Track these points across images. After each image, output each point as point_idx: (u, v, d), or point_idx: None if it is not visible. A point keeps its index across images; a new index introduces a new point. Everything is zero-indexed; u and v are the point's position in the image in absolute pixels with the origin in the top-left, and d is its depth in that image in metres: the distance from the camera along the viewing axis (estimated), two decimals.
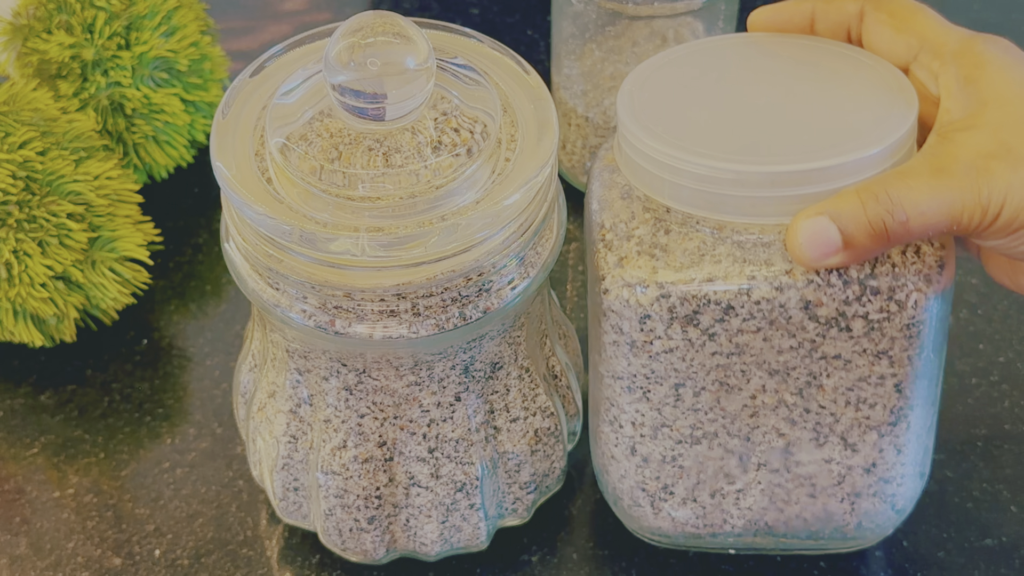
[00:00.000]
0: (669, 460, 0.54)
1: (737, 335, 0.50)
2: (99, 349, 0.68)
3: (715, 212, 0.49)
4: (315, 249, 0.49)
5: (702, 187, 0.49)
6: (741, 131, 0.50)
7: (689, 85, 0.53)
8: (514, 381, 0.55)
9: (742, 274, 0.49)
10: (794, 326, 0.50)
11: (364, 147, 0.50)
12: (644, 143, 0.50)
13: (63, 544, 0.61)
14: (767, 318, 0.50)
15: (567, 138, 0.72)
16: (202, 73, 0.73)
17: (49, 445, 0.64)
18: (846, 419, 0.52)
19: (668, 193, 0.50)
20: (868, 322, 0.49)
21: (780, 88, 0.52)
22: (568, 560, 0.60)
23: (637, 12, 0.67)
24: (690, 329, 0.50)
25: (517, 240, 0.51)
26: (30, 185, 0.63)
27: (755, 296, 0.49)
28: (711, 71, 0.53)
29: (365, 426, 0.54)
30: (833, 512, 0.55)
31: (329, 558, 0.60)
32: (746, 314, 0.49)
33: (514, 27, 0.83)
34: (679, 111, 0.51)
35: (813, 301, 0.49)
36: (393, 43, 0.50)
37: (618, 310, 0.50)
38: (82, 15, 0.69)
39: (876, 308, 0.49)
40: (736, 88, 0.52)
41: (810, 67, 0.52)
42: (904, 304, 0.49)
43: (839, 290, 0.49)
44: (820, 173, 0.48)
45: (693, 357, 0.51)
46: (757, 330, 0.50)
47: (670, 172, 0.49)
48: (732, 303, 0.49)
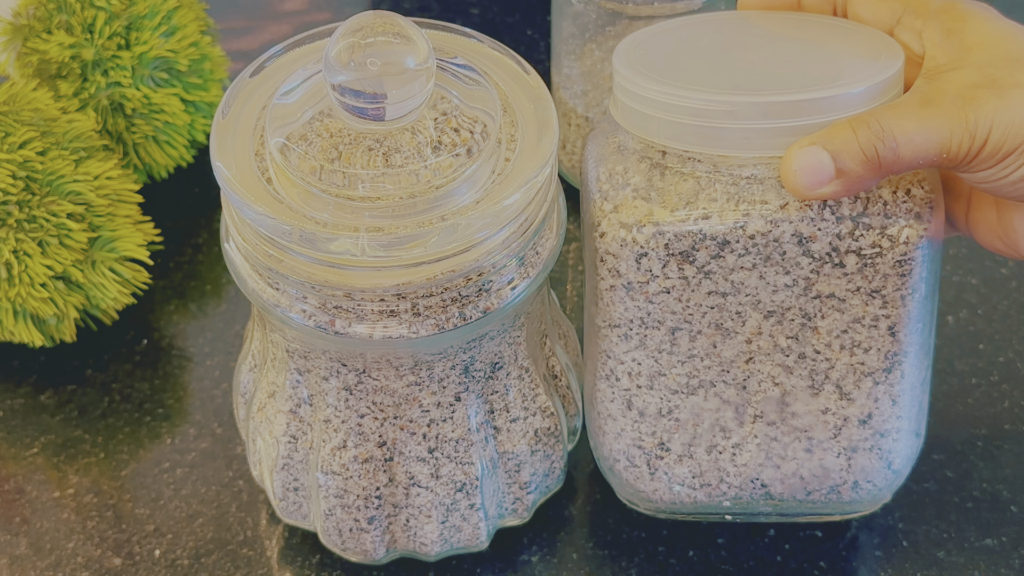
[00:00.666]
0: (665, 413, 0.55)
1: (732, 272, 0.51)
2: (99, 349, 0.68)
3: (709, 147, 0.50)
4: (315, 249, 0.49)
5: (696, 121, 0.50)
6: (734, 73, 0.51)
7: (683, 46, 0.54)
8: (514, 381, 0.55)
9: (737, 210, 0.50)
10: (789, 262, 0.51)
11: (364, 147, 0.50)
12: (639, 85, 0.51)
13: (63, 544, 0.61)
14: (762, 253, 0.50)
15: (567, 138, 0.72)
16: (202, 73, 0.73)
17: (49, 445, 0.64)
18: (841, 365, 0.53)
19: (663, 132, 0.51)
20: (861, 257, 0.50)
21: (771, 48, 0.53)
22: (568, 560, 0.60)
23: (637, 12, 0.67)
24: (686, 266, 0.51)
25: (517, 240, 0.51)
26: (30, 185, 0.63)
27: (750, 230, 0.50)
28: (703, 37, 0.54)
29: (365, 426, 0.54)
30: (830, 468, 0.56)
31: (329, 558, 0.60)
32: (741, 249, 0.50)
33: (514, 27, 0.83)
34: (674, 61, 0.53)
35: (807, 235, 0.50)
36: (393, 43, 0.50)
37: (615, 251, 0.51)
38: (82, 15, 0.69)
39: (868, 243, 0.50)
40: (728, 48, 0.53)
41: (800, 32, 0.54)
42: (896, 239, 0.50)
43: (832, 224, 0.50)
44: (811, 104, 0.49)
45: (689, 297, 0.52)
46: (752, 266, 0.51)
47: (664, 109, 0.50)
48: (727, 238, 0.50)
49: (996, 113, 0.48)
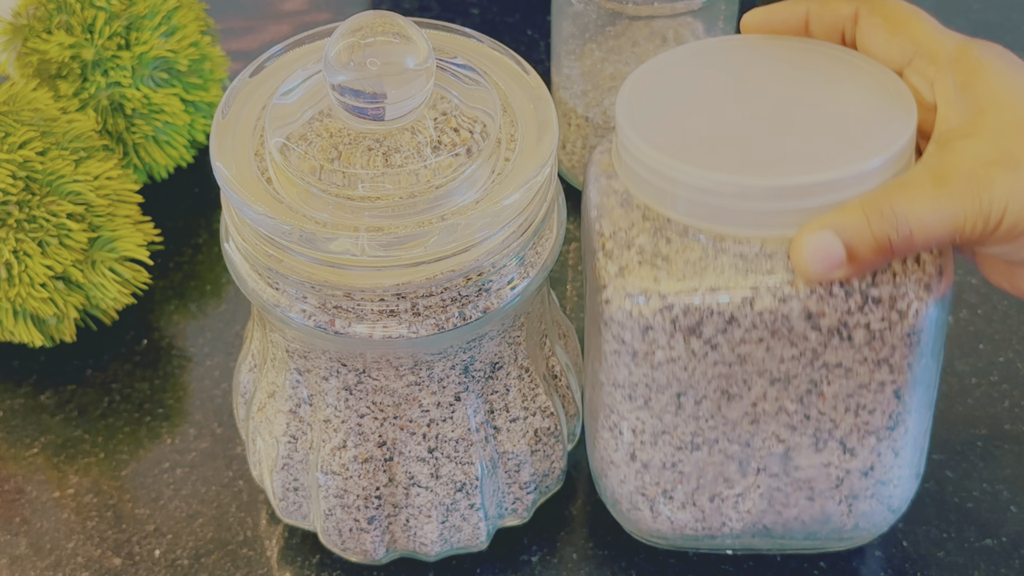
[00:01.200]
0: (669, 466, 0.54)
1: (740, 345, 0.50)
2: (99, 349, 0.68)
3: (716, 224, 0.49)
4: (315, 249, 0.49)
5: (703, 199, 0.49)
6: (741, 140, 0.50)
7: (687, 90, 0.52)
8: (514, 381, 0.55)
9: (745, 285, 0.49)
10: (796, 336, 0.50)
11: (364, 147, 0.50)
12: (644, 152, 0.49)
13: (63, 544, 0.61)
14: (769, 328, 0.49)
15: (567, 138, 0.72)
16: (202, 73, 0.73)
17: (49, 445, 0.64)
18: (845, 424, 0.52)
19: (669, 204, 0.49)
20: (870, 331, 0.49)
21: (779, 95, 0.51)
22: (568, 560, 0.60)
23: (637, 12, 0.67)
24: (692, 340, 0.50)
25: (517, 240, 0.51)
26: (30, 185, 0.63)
27: (758, 307, 0.49)
28: (709, 76, 0.53)
29: (365, 426, 0.54)
30: (831, 513, 0.56)
31: (329, 558, 0.60)
32: (749, 324, 0.49)
33: (514, 27, 0.83)
34: (678, 118, 0.51)
35: (816, 312, 0.49)
36: (393, 43, 0.50)
37: (620, 320, 0.50)
38: (82, 15, 0.69)
39: (878, 318, 0.49)
40: (734, 94, 0.52)
41: (808, 72, 0.52)
42: (905, 313, 0.49)
43: (841, 300, 0.49)
44: (823, 186, 0.48)
45: (695, 367, 0.51)
46: (760, 340, 0.50)
47: (671, 183, 0.49)
48: (735, 314, 0.49)
49: (1012, 195, 0.47)
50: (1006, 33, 0.82)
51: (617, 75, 0.70)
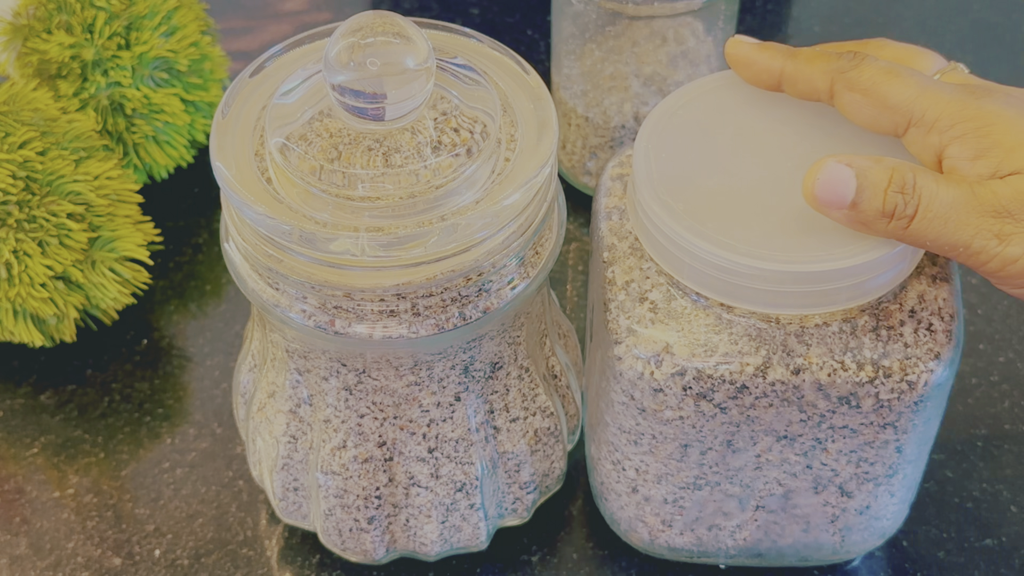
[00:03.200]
0: (670, 502, 0.55)
1: (749, 409, 0.50)
2: (99, 349, 0.68)
3: (730, 299, 0.49)
4: (315, 249, 0.49)
5: (719, 275, 0.48)
6: (759, 211, 0.49)
7: (703, 139, 0.51)
8: (514, 381, 0.55)
9: (759, 355, 0.49)
10: (806, 404, 0.50)
11: (364, 147, 0.50)
12: (660, 218, 0.49)
13: (63, 544, 0.61)
14: (780, 396, 0.50)
15: (567, 138, 0.72)
16: (202, 73, 0.73)
17: (49, 445, 0.64)
18: (846, 473, 0.53)
19: (685, 273, 0.49)
20: (878, 400, 0.50)
21: (796, 148, 0.51)
22: (568, 560, 0.60)
23: (637, 12, 0.67)
24: (703, 403, 0.50)
25: (517, 240, 0.51)
26: (30, 185, 0.63)
27: (771, 378, 0.49)
28: (726, 121, 0.52)
29: (365, 426, 0.54)
30: (824, 543, 0.57)
31: (329, 558, 0.60)
32: (759, 393, 0.50)
33: (514, 27, 0.83)
34: (693, 178, 0.50)
35: (826, 384, 0.49)
36: (393, 43, 0.50)
37: (631, 379, 0.50)
38: (82, 15, 0.69)
39: (888, 389, 0.49)
40: (752, 146, 0.51)
41: (824, 120, 0.51)
42: (915, 384, 0.49)
43: (853, 373, 0.49)
44: (841, 273, 0.48)
45: (703, 425, 0.51)
46: (770, 406, 0.50)
47: (688, 256, 0.49)
48: (747, 383, 0.49)
49: None
50: (1006, 33, 0.82)
51: (617, 75, 0.70)
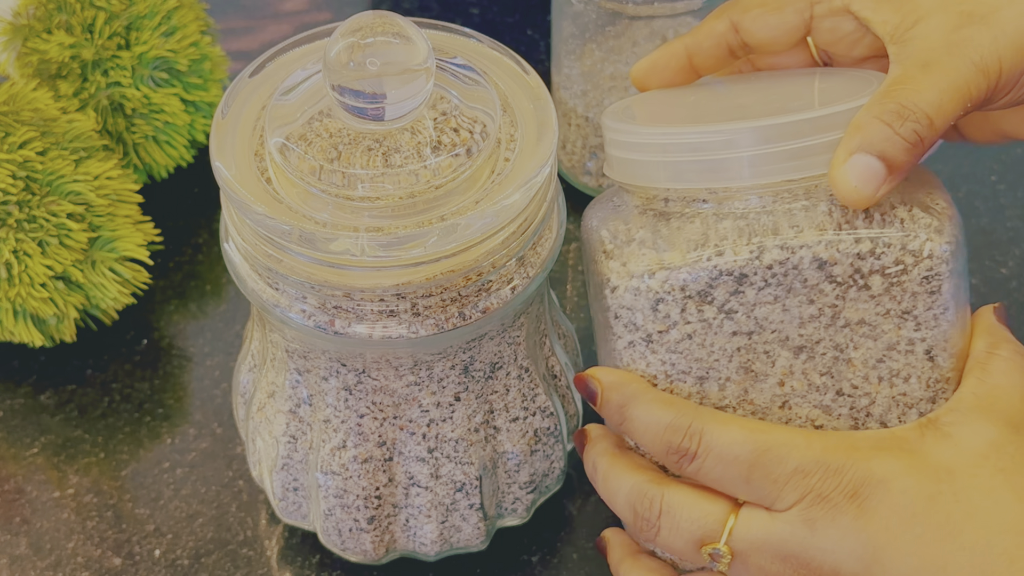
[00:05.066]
0: None
1: (755, 308, 0.49)
2: (99, 349, 0.68)
3: (712, 181, 0.49)
4: (315, 249, 0.49)
5: (695, 156, 0.48)
6: (728, 107, 0.50)
7: (669, 99, 0.53)
8: (514, 381, 0.55)
9: (750, 243, 0.48)
10: (812, 290, 0.49)
11: (363, 147, 0.50)
12: (632, 132, 0.50)
13: (63, 544, 0.61)
14: (783, 284, 0.49)
15: (567, 138, 0.72)
16: (202, 73, 0.73)
17: (49, 445, 0.64)
18: (882, 399, 0.51)
19: (663, 174, 0.49)
20: (886, 277, 0.49)
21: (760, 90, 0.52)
22: (568, 560, 0.60)
23: (637, 12, 0.67)
24: (705, 307, 0.49)
25: (517, 240, 0.51)
26: (30, 185, 0.63)
27: (766, 260, 0.48)
28: (688, 92, 0.53)
29: (365, 426, 0.54)
30: None
31: (329, 558, 0.60)
32: (760, 282, 0.49)
33: (514, 27, 0.83)
34: (663, 109, 0.51)
35: (826, 258, 0.48)
36: (393, 43, 0.50)
37: (629, 304, 0.50)
38: (82, 15, 0.69)
39: (891, 260, 0.48)
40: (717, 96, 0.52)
41: (784, 76, 0.53)
42: (919, 254, 0.48)
43: (851, 244, 0.48)
44: (813, 124, 0.48)
45: (712, 341, 0.50)
46: (775, 299, 0.49)
47: (661, 151, 0.49)
48: (744, 271, 0.48)
49: (995, 43, 0.47)
50: None
51: (617, 75, 0.70)
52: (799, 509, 0.48)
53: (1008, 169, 0.74)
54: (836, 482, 0.47)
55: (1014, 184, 0.73)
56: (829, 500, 0.47)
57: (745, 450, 0.48)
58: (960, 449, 0.48)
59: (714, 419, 0.49)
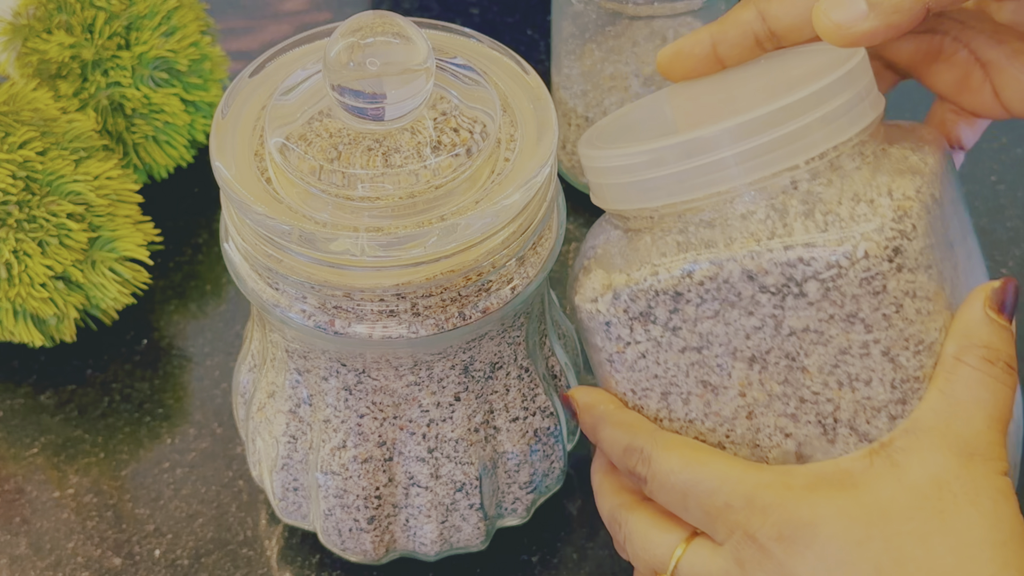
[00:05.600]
0: None
1: (697, 324, 0.49)
2: (99, 349, 0.68)
3: (648, 200, 0.49)
4: (315, 249, 0.49)
5: (628, 178, 0.49)
6: (680, 119, 0.51)
7: (646, 115, 0.54)
8: (514, 381, 0.55)
9: (684, 259, 0.48)
10: (748, 302, 0.48)
11: (363, 147, 0.50)
12: (585, 155, 0.51)
13: (63, 544, 0.61)
14: (717, 298, 0.48)
15: (567, 138, 0.72)
16: (202, 73, 0.73)
17: (49, 445, 0.64)
18: (847, 403, 0.49)
19: (609, 196, 0.51)
20: (821, 283, 0.47)
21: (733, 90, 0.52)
22: (568, 560, 0.60)
23: (637, 12, 0.67)
24: (651, 327, 0.50)
25: (517, 240, 0.51)
26: (30, 185, 0.63)
27: (697, 277, 0.48)
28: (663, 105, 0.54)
29: (365, 426, 0.54)
30: None
31: (329, 558, 0.60)
32: (696, 299, 0.49)
33: (514, 27, 0.83)
34: (633, 127, 0.52)
35: (755, 270, 0.47)
36: (392, 43, 0.50)
37: (588, 326, 0.51)
38: (82, 15, 0.69)
39: (823, 265, 0.47)
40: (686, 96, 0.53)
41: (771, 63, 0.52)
42: (853, 256, 0.46)
43: (780, 253, 0.47)
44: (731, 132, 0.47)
45: (666, 358, 0.50)
46: (715, 314, 0.49)
47: (603, 174, 0.50)
48: (678, 289, 0.49)
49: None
50: None
51: (617, 75, 0.70)
52: (730, 545, 0.48)
53: (1008, 169, 0.74)
54: (761, 522, 0.47)
55: (1014, 184, 0.73)
56: (756, 540, 0.47)
57: (680, 480, 0.48)
58: (903, 484, 0.47)
59: (663, 444, 0.50)
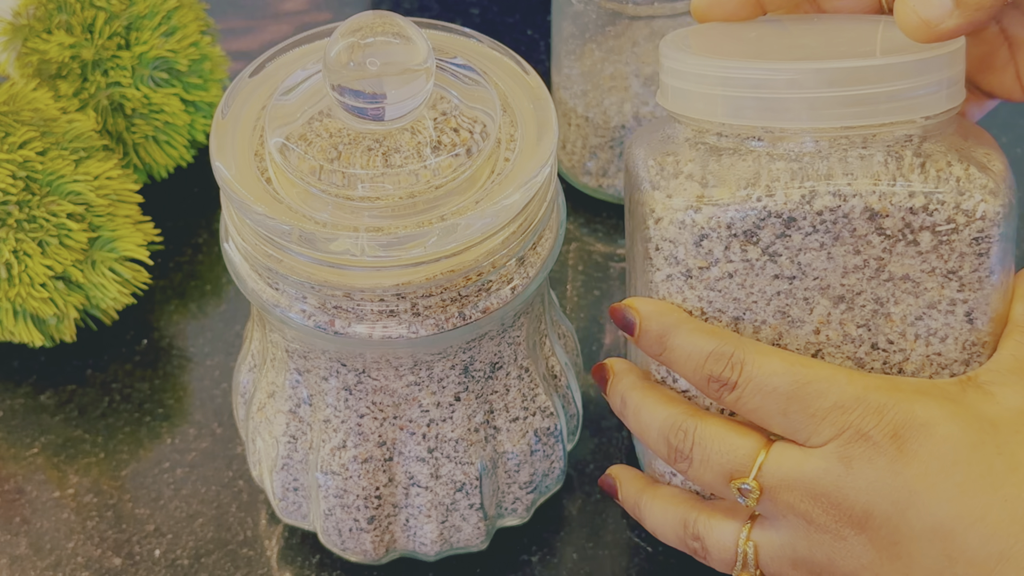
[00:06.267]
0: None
1: (799, 253, 0.48)
2: (99, 349, 0.68)
3: (771, 120, 0.48)
4: (315, 249, 0.49)
5: (757, 93, 0.48)
6: (792, 47, 0.49)
7: (731, 33, 0.52)
8: (514, 381, 0.55)
9: (803, 186, 0.48)
10: (859, 240, 0.48)
11: (363, 147, 0.50)
12: (693, 64, 0.49)
13: (63, 544, 0.61)
14: (831, 231, 0.48)
15: (567, 138, 0.72)
16: (202, 73, 0.73)
17: (49, 445, 0.64)
18: (916, 356, 0.50)
19: (721, 109, 0.48)
20: (936, 234, 0.48)
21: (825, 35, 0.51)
22: (568, 560, 0.60)
23: (637, 12, 0.67)
24: (750, 248, 0.48)
25: (517, 240, 0.51)
26: (30, 185, 0.63)
27: (817, 206, 0.48)
28: (750, 28, 0.52)
29: (365, 426, 0.54)
30: None
31: (329, 558, 0.60)
32: (808, 227, 0.48)
33: (514, 27, 0.83)
34: (725, 42, 0.50)
35: (878, 210, 0.48)
36: (392, 43, 0.50)
37: (672, 236, 0.49)
38: (82, 15, 0.69)
39: (944, 218, 0.48)
40: (780, 34, 0.51)
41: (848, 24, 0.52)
42: (971, 214, 0.48)
43: (905, 198, 0.47)
44: (878, 71, 0.47)
45: (753, 282, 0.49)
46: (820, 246, 0.48)
47: (722, 84, 0.48)
48: (794, 215, 0.48)
49: None
50: None
51: (617, 75, 0.70)
52: (836, 445, 0.47)
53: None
54: (877, 420, 0.47)
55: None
56: (869, 438, 0.47)
57: (785, 381, 0.48)
58: (1002, 406, 0.47)
59: (756, 350, 0.48)
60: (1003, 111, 0.75)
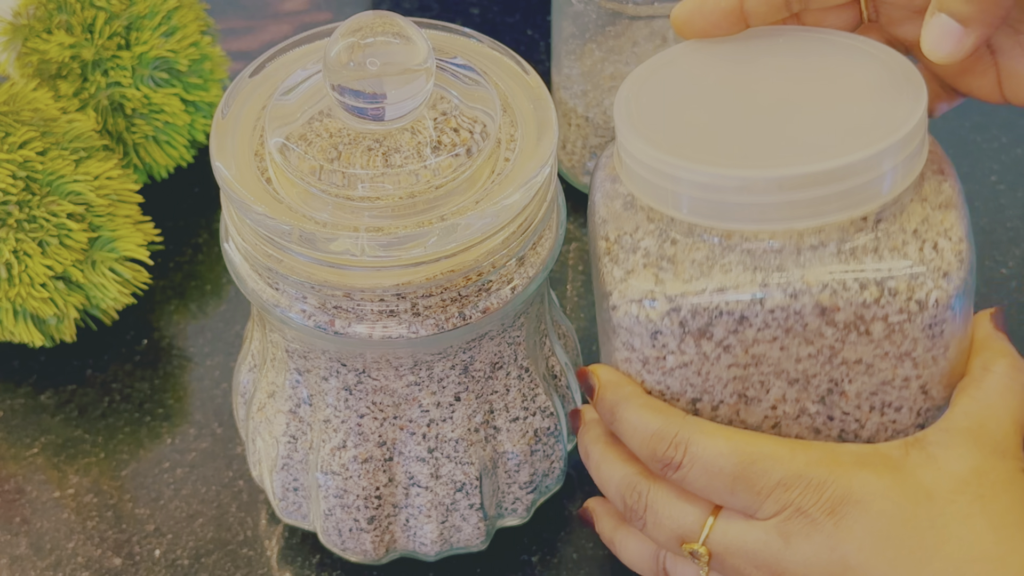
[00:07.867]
0: None
1: (753, 345, 0.49)
2: (99, 349, 0.68)
3: (721, 221, 0.48)
4: (315, 249, 0.49)
5: (706, 196, 0.47)
6: (744, 133, 0.49)
7: (686, 87, 0.51)
8: (514, 381, 0.55)
9: (754, 282, 0.48)
10: (811, 333, 0.48)
11: (363, 147, 0.50)
12: (643, 152, 0.48)
13: (63, 544, 0.61)
14: (783, 326, 0.48)
15: (567, 138, 0.72)
16: (202, 73, 0.73)
17: (49, 445, 0.64)
18: (871, 424, 0.51)
19: (671, 203, 0.48)
20: (888, 325, 0.48)
21: (782, 86, 0.50)
22: (568, 560, 0.60)
23: (637, 12, 0.67)
24: (703, 342, 0.49)
25: (517, 240, 0.51)
26: (30, 185, 0.63)
27: (769, 304, 0.48)
28: (709, 72, 0.52)
29: (365, 426, 0.54)
30: None
31: (329, 558, 0.60)
32: (760, 324, 0.48)
33: (514, 27, 0.83)
34: (678, 116, 0.50)
35: (829, 306, 0.48)
36: (393, 43, 0.50)
37: (628, 327, 0.49)
38: (82, 15, 0.69)
39: (895, 309, 0.48)
40: (736, 88, 0.51)
41: (812, 61, 0.51)
42: (924, 304, 0.48)
43: (856, 293, 0.47)
44: (829, 174, 0.46)
45: (709, 370, 0.49)
46: (773, 339, 0.48)
47: (672, 181, 0.48)
48: (745, 313, 0.48)
49: None
50: None
51: (617, 75, 0.70)
52: (777, 521, 0.48)
53: (1008, 169, 0.74)
54: (816, 498, 0.48)
55: (1014, 184, 0.73)
56: (807, 515, 0.48)
57: (730, 463, 0.49)
58: (942, 473, 0.48)
59: (701, 430, 0.49)
60: (1003, 111, 0.75)
